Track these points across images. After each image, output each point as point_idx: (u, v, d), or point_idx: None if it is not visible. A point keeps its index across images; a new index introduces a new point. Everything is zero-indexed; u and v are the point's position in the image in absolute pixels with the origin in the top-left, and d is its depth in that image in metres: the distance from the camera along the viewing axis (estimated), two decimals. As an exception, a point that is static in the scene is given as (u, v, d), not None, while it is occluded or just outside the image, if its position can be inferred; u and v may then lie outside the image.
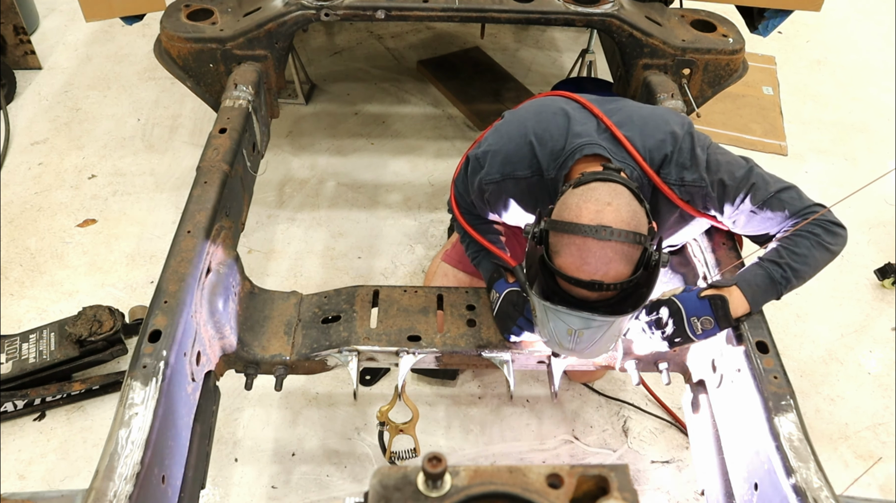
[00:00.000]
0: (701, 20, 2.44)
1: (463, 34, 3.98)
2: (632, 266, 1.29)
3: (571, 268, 1.28)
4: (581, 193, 1.31)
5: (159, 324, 1.39)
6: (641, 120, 1.54)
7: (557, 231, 1.29)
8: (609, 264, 1.26)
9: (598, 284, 1.27)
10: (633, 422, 2.22)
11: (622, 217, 1.27)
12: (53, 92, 3.47)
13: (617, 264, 1.26)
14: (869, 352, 2.46)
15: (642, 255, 1.30)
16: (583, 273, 1.27)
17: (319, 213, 2.88)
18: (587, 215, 1.27)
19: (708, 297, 1.46)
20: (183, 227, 1.61)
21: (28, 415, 2.15)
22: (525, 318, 1.58)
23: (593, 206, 1.28)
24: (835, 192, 3.10)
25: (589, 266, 1.26)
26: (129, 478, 1.15)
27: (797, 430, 1.28)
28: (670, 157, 1.48)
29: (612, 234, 1.24)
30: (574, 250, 1.26)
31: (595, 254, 1.25)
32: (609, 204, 1.28)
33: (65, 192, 2.93)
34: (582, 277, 1.27)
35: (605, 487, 0.73)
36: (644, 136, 1.50)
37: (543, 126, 1.54)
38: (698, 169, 1.47)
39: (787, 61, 3.96)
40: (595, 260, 1.25)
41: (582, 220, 1.26)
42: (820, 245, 1.46)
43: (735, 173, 1.48)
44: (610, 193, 1.30)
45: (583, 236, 1.25)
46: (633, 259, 1.28)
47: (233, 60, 2.25)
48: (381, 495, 0.71)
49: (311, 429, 2.16)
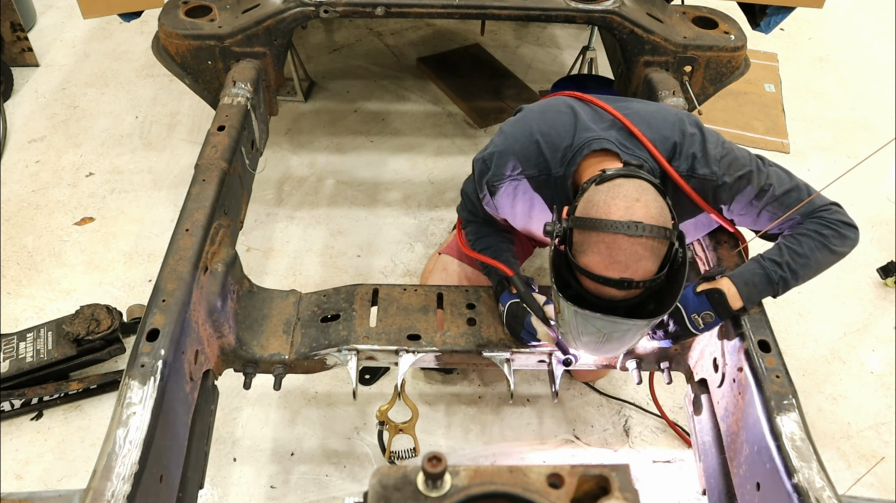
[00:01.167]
0: (702, 17, 2.42)
1: (463, 31, 3.96)
2: (659, 262, 1.27)
3: (600, 266, 1.24)
4: (607, 190, 1.28)
5: (157, 322, 1.38)
6: (649, 114, 1.53)
7: (584, 228, 1.26)
8: (639, 261, 1.23)
9: (628, 282, 1.24)
10: (634, 421, 2.21)
11: (651, 213, 1.25)
12: (51, 89, 3.46)
13: (647, 261, 1.24)
14: (871, 351, 2.45)
15: (668, 251, 1.28)
16: (612, 270, 1.23)
17: (318, 212, 2.87)
18: (617, 211, 1.24)
19: (705, 292, 1.45)
20: (181, 225, 1.60)
21: (25, 415, 2.14)
22: (527, 331, 1.57)
23: (622, 203, 1.25)
24: (838, 190, 3.08)
25: (619, 264, 1.23)
26: (127, 477, 1.14)
27: (799, 430, 1.28)
28: (679, 149, 1.47)
29: (644, 230, 1.22)
30: (603, 248, 1.23)
31: (626, 250, 1.22)
32: (638, 200, 1.25)
33: (62, 189, 2.91)
34: (611, 275, 1.24)
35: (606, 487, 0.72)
36: (652, 129, 1.49)
37: (549, 124, 1.53)
38: (709, 162, 1.46)
39: (790, 58, 3.95)
40: (626, 257, 1.22)
41: (612, 216, 1.23)
42: (824, 247, 1.44)
43: (747, 169, 1.47)
44: (637, 189, 1.27)
45: (613, 233, 1.22)
46: (661, 255, 1.27)
47: (231, 57, 2.24)
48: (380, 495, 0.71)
49: (310, 429, 2.15)
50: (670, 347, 1.64)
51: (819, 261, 1.46)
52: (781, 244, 1.47)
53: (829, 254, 1.46)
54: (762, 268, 1.46)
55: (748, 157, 1.50)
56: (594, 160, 1.45)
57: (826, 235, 1.44)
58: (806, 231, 1.45)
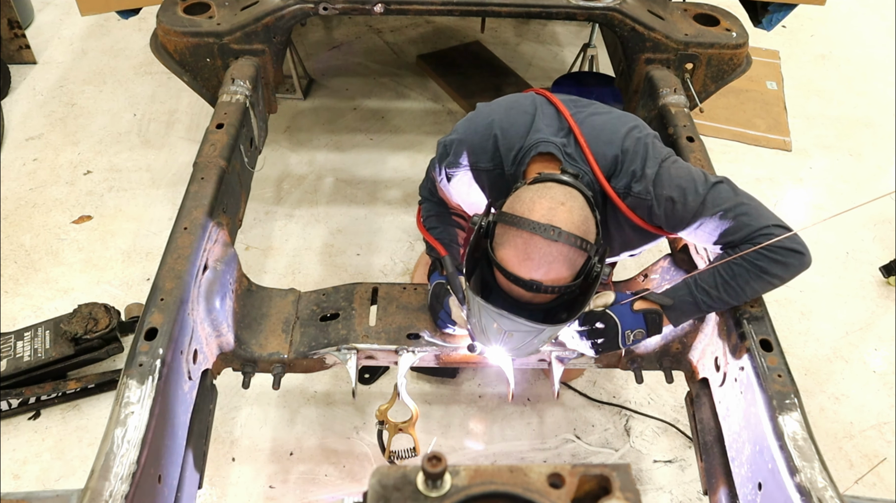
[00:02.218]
0: (704, 14, 2.41)
1: (463, 28, 3.95)
2: (573, 272, 1.26)
3: (513, 261, 1.25)
4: (536, 189, 1.30)
5: (156, 321, 1.37)
6: (601, 125, 1.52)
7: (506, 223, 1.27)
8: (551, 264, 1.23)
9: (537, 285, 1.24)
10: (635, 421, 2.20)
11: (574, 220, 1.25)
12: (48, 87, 3.45)
13: (559, 266, 1.24)
14: (874, 351, 2.44)
15: (585, 264, 1.28)
16: (523, 269, 1.24)
17: (318, 210, 2.86)
18: (539, 211, 1.24)
19: (643, 312, 1.48)
20: (179, 223, 1.59)
21: (23, 414, 2.14)
22: (445, 311, 1.58)
23: (547, 203, 1.25)
24: (840, 188, 3.08)
25: (531, 262, 1.23)
26: (125, 477, 1.13)
27: (801, 429, 1.27)
28: (620, 166, 1.46)
29: (559, 235, 1.22)
30: (519, 243, 1.24)
31: (540, 250, 1.22)
32: (563, 204, 1.26)
33: (60, 188, 2.90)
34: (521, 275, 1.24)
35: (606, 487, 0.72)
36: (599, 143, 1.48)
37: (510, 121, 1.53)
38: (645, 181, 1.43)
39: (792, 56, 3.94)
40: (539, 257, 1.23)
41: (533, 216, 1.24)
42: (759, 278, 1.40)
43: (686, 190, 1.41)
44: (565, 194, 1.28)
45: (530, 232, 1.22)
46: (575, 265, 1.26)
47: (230, 55, 2.23)
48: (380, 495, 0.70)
49: (309, 428, 2.14)
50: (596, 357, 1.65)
51: (756, 290, 1.43)
52: (716, 273, 1.44)
53: (765, 283, 1.41)
54: (692, 296, 1.46)
55: (686, 178, 1.43)
56: (540, 162, 1.46)
57: (762, 266, 1.39)
58: (741, 261, 1.40)
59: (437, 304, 1.61)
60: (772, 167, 3.22)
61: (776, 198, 3.04)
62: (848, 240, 2.84)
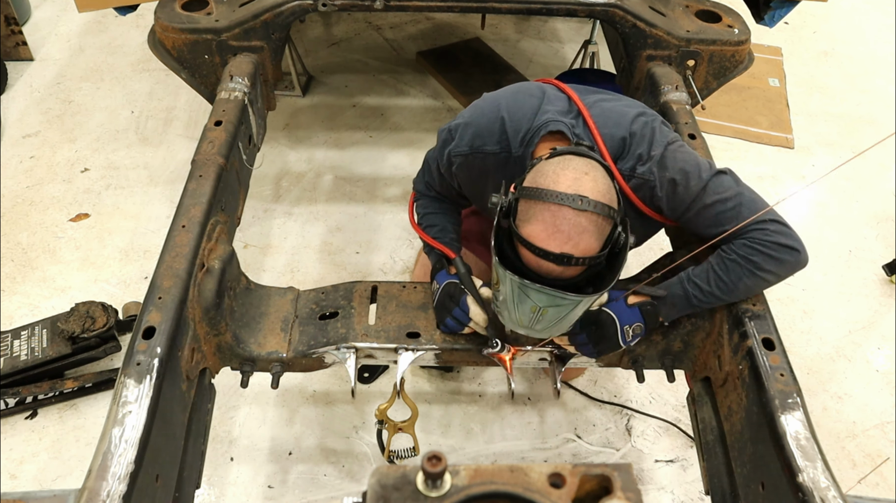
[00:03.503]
0: (706, 10, 2.40)
1: (463, 25, 3.94)
2: (601, 242, 1.26)
3: (542, 236, 1.22)
4: (557, 162, 1.29)
5: (153, 320, 1.36)
6: (609, 109, 1.52)
7: (530, 198, 1.25)
8: (582, 235, 1.22)
9: (567, 257, 1.22)
10: (636, 420, 2.19)
11: (599, 188, 1.25)
12: (45, 84, 3.43)
13: (589, 236, 1.22)
14: (877, 349, 2.43)
15: (611, 233, 1.27)
16: (553, 243, 1.22)
17: (317, 208, 2.85)
18: (565, 182, 1.23)
19: (638, 305, 1.47)
20: (177, 221, 1.58)
21: (20, 414, 2.13)
22: (461, 310, 1.56)
23: (571, 174, 1.25)
24: (843, 186, 3.07)
25: (561, 235, 1.21)
26: (123, 477, 1.13)
27: (804, 429, 1.26)
28: (628, 148, 1.46)
29: (589, 205, 1.21)
30: (548, 216, 1.22)
31: (570, 221, 1.21)
32: (587, 174, 1.25)
33: (57, 185, 2.89)
34: (552, 248, 1.22)
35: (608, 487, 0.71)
36: (608, 126, 1.48)
37: (518, 104, 1.53)
38: (650, 162, 1.43)
39: (794, 52, 3.93)
40: (569, 227, 1.21)
41: (559, 187, 1.23)
42: (753, 274, 1.39)
43: (689, 174, 1.41)
44: (587, 165, 1.28)
45: (558, 203, 1.21)
46: (604, 234, 1.26)
47: (228, 52, 2.22)
48: (379, 495, 0.69)
49: (308, 428, 2.13)
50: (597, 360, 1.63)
51: (749, 287, 1.42)
52: (710, 268, 1.44)
53: (759, 280, 1.40)
54: (684, 290, 1.45)
55: (691, 162, 1.44)
56: (550, 142, 1.45)
57: (756, 262, 1.38)
58: (736, 257, 1.39)
59: (451, 304, 1.57)
60: (774, 164, 3.20)
61: (778, 195, 3.03)
62: (850, 238, 2.83)
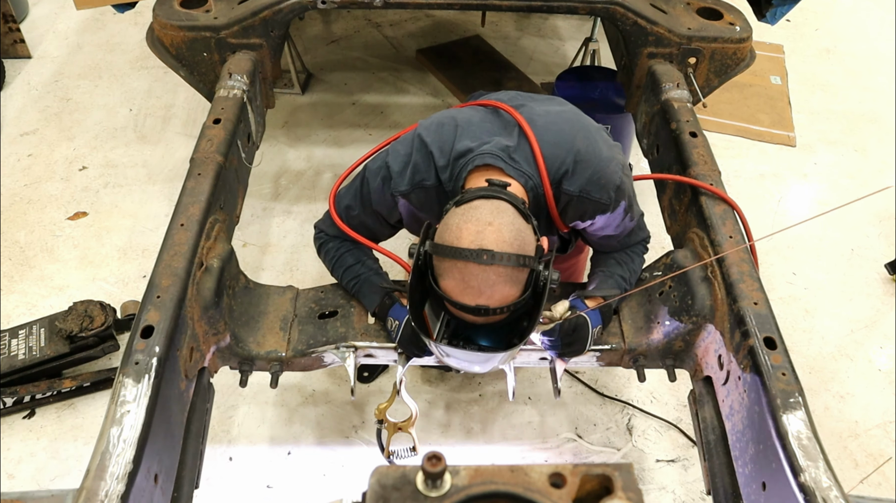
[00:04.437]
0: (707, 8, 2.39)
1: (463, 22, 3.93)
2: (519, 287, 1.23)
3: (455, 292, 1.22)
4: (462, 213, 1.25)
5: (152, 319, 1.35)
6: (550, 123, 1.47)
7: (439, 255, 1.23)
8: (493, 287, 1.20)
9: (484, 310, 1.21)
10: (637, 419, 2.18)
11: (504, 237, 1.21)
12: (43, 81, 3.42)
13: (502, 287, 1.21)
14: (879, 348, 2.42)
15: (530, 276, 1.25)
16: (467, 297, 1.21)
17: (316, 206, 2.84)
18: (467, 237, 1.21)
19: (599, 310, 1.55)
20: (176, 220, 1.58)
21: (17, 413, 2.12)
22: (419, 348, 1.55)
23: (473, 227, 1.21)
24: (845, 184, 3.06)
25: (472, 290, 1.20)
26: (121, 477, 1.12)
27: (806, 428, 1.25)
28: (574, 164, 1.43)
29: (493, 258, 1.18)
30: (456, 273, 1.21)
31: (478, 277, 1.19)
32: (490, 224, 1.22)
33: (55, 184, 2.88)
34: (467, 302, 1.21)
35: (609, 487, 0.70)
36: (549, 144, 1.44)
37: (441, 136, 1.48)
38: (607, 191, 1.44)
39: (796, 50, 3.92)
40: (478, 283, 1.19)
41: (462, 244, 1.20)
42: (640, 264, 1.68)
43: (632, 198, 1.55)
44: (492, 212, 1.24)
45: (464, 260, 1.19)
46: (519, 281, 1.23)
47: (227, 49, 2.21)
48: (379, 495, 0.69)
49: (307, 428, 2.12)
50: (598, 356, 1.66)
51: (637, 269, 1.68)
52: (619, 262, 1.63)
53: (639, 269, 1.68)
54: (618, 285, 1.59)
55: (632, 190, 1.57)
56: (480, 174, 1.40)
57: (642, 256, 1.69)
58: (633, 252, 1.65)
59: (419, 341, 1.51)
60: (776, 163, 3.19)
61: (780, 194, 3.02)
62: (853, 236, 2.82)
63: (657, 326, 1.63)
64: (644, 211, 1.68)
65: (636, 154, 2.66)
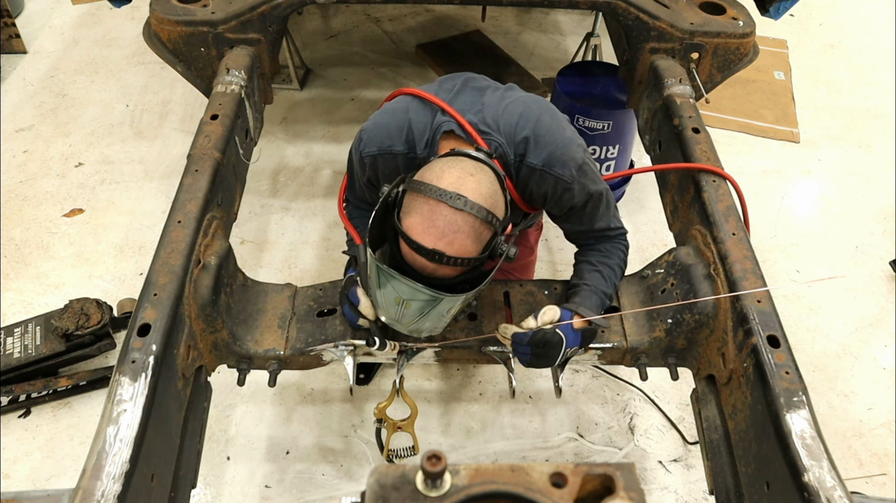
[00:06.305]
0: (710, 2, 2.37)
1: (463, 17, 3.91)
2: (478, 246, 1.26)
3: (418, 229, 1.23)
4: (447, 160, 1.30)
5: (148, 317, 1.35)
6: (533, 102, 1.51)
7: (413, 190, 1.26)
8: (456, 234, 1.22)
9: (439, 255, 1.22)
10: (639, 419, 2.17)
11: (482, 191, 1.25)
12: (39, 77, 3.40)
13: (464, 237, 1.23)
14: (884, 347, 2.41)
15: (490, 240, 1.28)
16: (427, 238, 1.22)
17: (315, 203, 2.83)
18: (448, 179, 1.24)
19: (581, 331, 1.51)
20: (173, 216, 1.57)
21: (13, 412, 2.11)
22: (350, 301, 1.52)
23: (457, 173, 1.26)
24: (849, 181, 3.05)
25: (436, 230, 1.22)
26: (118, 476, 1.12)
27: (809, 428, 1.24)
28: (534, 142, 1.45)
29: (465, 204, 1.22)
30: (425, 210, 1.23)
31: (445, 218, 1.21)
32: (472, 175, 1.26)
33: (51, 180, 2.87)
34: (425, 243, 1.22)
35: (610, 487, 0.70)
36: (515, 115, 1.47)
37: (422, 107, 1.53)
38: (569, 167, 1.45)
39: (800, 45, 3.90)
40: (444, 224, 1.21)
41: (441, 184, 1.24)
42: (621, 268, 1.62)
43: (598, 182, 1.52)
44: (476, 168, 1.29)
45: (437, 199, 1.22)
46: (481, 238, 1.26)
47: (225, 44, 2.20)
48: (378, 495, 0.68)
49: (305, 427, 2.11)
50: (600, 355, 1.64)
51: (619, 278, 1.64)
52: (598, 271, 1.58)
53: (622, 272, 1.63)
54: (599, 299, 1.55)
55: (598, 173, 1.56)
56: (450, 143, 1.45)
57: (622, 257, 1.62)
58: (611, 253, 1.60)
59: (343, 298, 1.54)
60: (779, 159, 3.18)
61: (784, 190, 3.00)
62: (857, 234, 2.80)
63: (659, 324, 1.62)
64: (646, 208, 1.66)
65: (638, 150, 2.65)
